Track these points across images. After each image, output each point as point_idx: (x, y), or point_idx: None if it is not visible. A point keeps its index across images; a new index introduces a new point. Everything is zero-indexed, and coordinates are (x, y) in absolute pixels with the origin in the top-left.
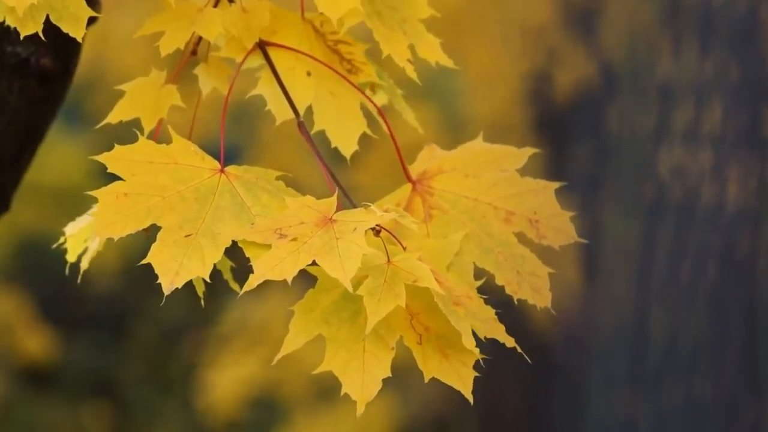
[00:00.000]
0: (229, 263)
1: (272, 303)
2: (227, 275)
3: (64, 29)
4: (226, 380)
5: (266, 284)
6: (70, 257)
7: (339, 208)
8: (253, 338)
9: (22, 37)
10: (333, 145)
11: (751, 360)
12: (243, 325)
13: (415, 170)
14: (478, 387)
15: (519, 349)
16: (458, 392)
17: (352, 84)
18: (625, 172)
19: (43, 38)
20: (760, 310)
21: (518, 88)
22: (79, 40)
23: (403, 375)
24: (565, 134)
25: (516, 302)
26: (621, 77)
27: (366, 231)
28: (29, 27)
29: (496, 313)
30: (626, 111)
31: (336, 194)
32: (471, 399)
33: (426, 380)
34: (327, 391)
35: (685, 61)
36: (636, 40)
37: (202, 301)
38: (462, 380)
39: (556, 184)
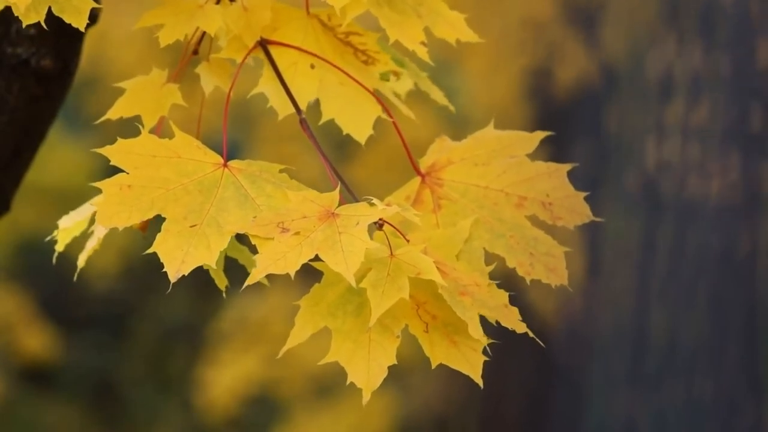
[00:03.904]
0: (251, 258)
1: (271, 301)
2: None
3: (67, 20)
4: (226, 378)
5: (268, 282)
6: (59, 246)
7: (341, 202)
8: (253, 336)
9: (24, 26)
10: (345, 133)
11: (751, 360)
12: (242, 323)
13: (424, 163)
14: (478, 386)
15: (531, 334)
16: (458, 391)
17: (358, 82)
18: (624, 171)
19: (45, 27)
20: (760, 310)
21: (518, 86)
22: (82, 30)
23: (403, 374)
24: (565, 132)
25: (518, 302)
26: (622, 75)
27: (369, 226)
28: (32, 17)
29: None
30: (627, 109)
31: (338, 188)
32: (481, 383)
33: (433, 366)
34: (326, 389)
35: (686, 59)
36: (637, 37)
37: (224, 294)
38: (471, 365)
39: (568, 166)
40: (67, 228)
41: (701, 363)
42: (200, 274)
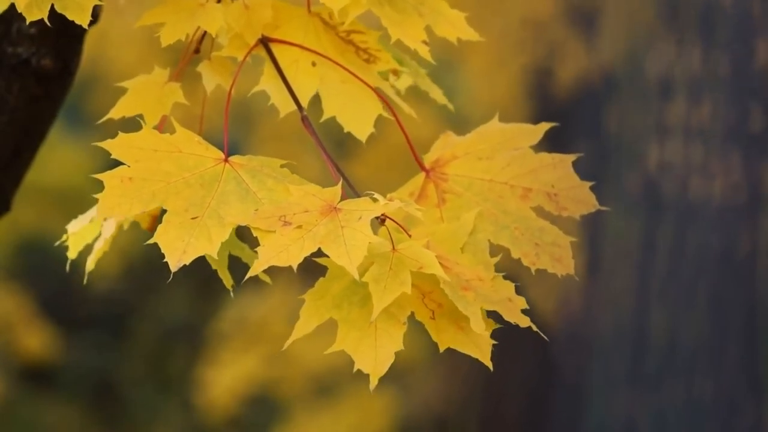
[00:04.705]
0: (256, 256)
1: (271, 301)
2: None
3: (70, 17)
4: (226, 378)
5: (266, 282)
6: (71, 254)
7: (343, 198)
8: (253, 336)
9: (28, 22)
10: (346, 131)
11: (751, 360)
12: (242, 323)
13: (428, 159)
14: (478, 386)
15: (535, 328)
16: (458, 391)
17: (361, 80)
18: (624, 171)
19: (48, 23)
20: (760, 310)
21: (519, 85)
22: (85, 27)
23: (403, 374)
24: (565, 132)
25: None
26: (621, 75)
27: (372, 221)
28: (34, 14)
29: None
30: (626, 109)
31: (340, 183)
32: (490, 366)
33: (441, 350)
34: (326, 389)
35: (684, 59)
36: (637, 37)
37: (231, 293)
38: (479, 349)
39: (573, 157)
40: (76, 232)
41: (701, 363)
42: (200, 274)
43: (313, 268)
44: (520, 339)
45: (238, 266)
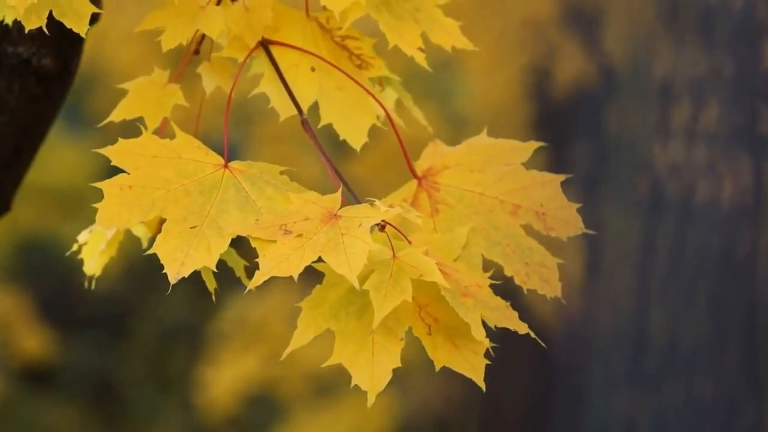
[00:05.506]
0: (242, 262)
1: (271, 301)
2: (240, 273)
3: (68, 25)
4: (225, 378)
5: (266, 281)
6: (87, 269)
7: (342, 203)
8: (252, 336)
9: (27, 30)
10: (341, 138)
11: (751, 360)
12: (242, 323)
13: (420, 167)
14: (478, 386)
15: (533, 335)
16: (458, 391)
17: (359, 84)
18: (624, 171)
19: (46, 32)
20: (760, 310)
21: (517, 87)
22: (83, 35)
23: (403, 374)
24: (565, 132)
25: (518, 302)
26: (621, 75)
27: (371, 227)
28: (33, 22)
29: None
30: (626, 109)
31: (340, 190)
32: (483, 386)
33: (437, 369)
34: (326, 389)
35: (684, 59)
36: (636, 37)
37: (214, 297)
38: (473, 368)
39: (562, 177)
40: (88, 243)
41: (701, 363)
42: (200, 274)
43: (313, 268)
44: (521, 340)
45: (231, 268)
